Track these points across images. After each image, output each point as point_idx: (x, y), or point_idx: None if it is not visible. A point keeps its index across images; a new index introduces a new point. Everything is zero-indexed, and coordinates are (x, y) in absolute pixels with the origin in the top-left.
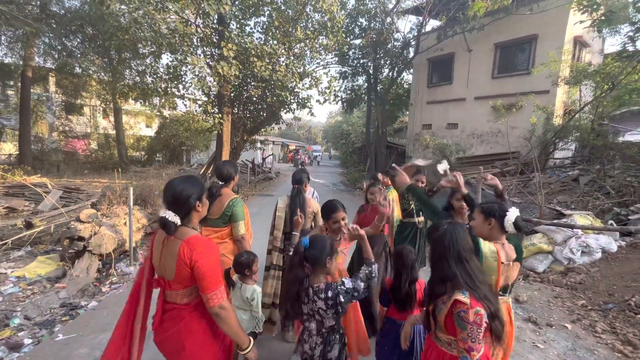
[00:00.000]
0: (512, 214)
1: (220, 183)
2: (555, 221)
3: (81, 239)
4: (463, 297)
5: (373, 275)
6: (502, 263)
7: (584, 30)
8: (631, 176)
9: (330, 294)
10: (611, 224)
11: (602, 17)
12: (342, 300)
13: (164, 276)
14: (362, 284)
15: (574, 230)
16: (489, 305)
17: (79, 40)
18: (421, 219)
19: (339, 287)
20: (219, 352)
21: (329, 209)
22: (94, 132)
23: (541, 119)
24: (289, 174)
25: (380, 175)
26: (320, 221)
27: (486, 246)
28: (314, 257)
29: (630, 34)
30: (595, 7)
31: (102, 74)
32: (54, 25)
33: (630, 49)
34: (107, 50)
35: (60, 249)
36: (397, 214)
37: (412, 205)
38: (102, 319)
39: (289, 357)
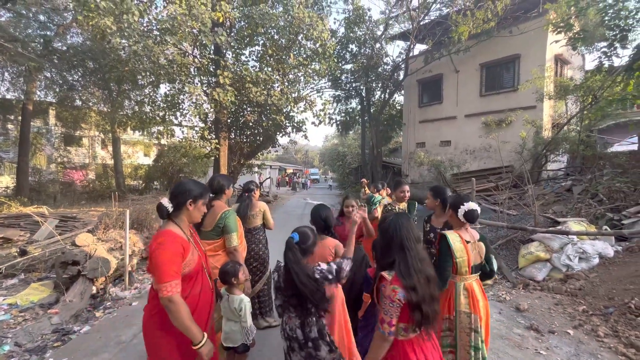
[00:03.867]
0: (465, 207)
1: (211, 195)
2: (551, 228)
3: (76, 263)
4: (387, 274)
5: (342, 266)
6: (468, 242)
7: (564, 48)
8: (620, 182)
9: (324, 266)
10: (605, 229)
11: (577, 36)
12: (317, 277)
13: None
14: (333, 267)
15: (570, 236)
16: (412, 295)
17: (79, 73)
18: None
19: (315, 268)
20: (174, 344)
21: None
22: (91, 163)
23: (531, 133)
24: (286, 197)
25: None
26: (270, 218)
27: (451, 235)
28: (305, 249)
29: (605, 49)
30: (569, 27)
31: (102, 105)
32: (56, 61)
33: (606, 63)
34: (107, 82)
35: (55, 275)
36: None
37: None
38: (94, 342)
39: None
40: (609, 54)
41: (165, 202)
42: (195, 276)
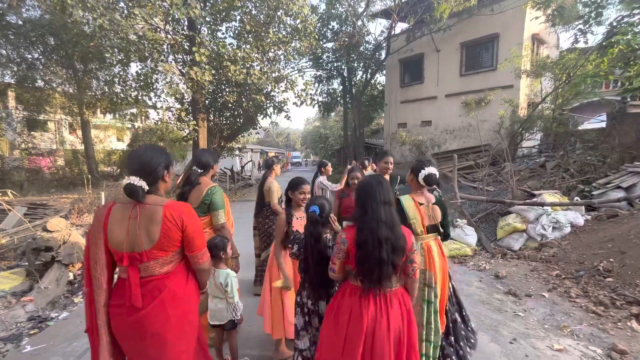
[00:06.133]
0: (425, 171)
1: (199, 171)
2: (527, 201)
3: (49, 249)
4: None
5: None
6: (421, 204)
7: (541, 28)
8: (591, 155)
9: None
10: (577, 200)
11: (555, 13)
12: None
13: (137, 249)
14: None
15: (545, 207)
16: (358, 252)
17: (39, 50)
18: None
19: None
20: (197, 320)
21: (297, 182)
22: (60, 149)
23: (508, 112)
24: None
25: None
26: (275, 197)
27: (404, 198)
28: (326, 218)
29: (581, 26)
30: (547, 3)
31: (67, 85)
32: (12, 37)
33: (581, 40)
34: (71, 60)
35: (27, 263)
36: None
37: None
38: (75, 327)
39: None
40: (584, 31)
41: (136, 180)
42: None
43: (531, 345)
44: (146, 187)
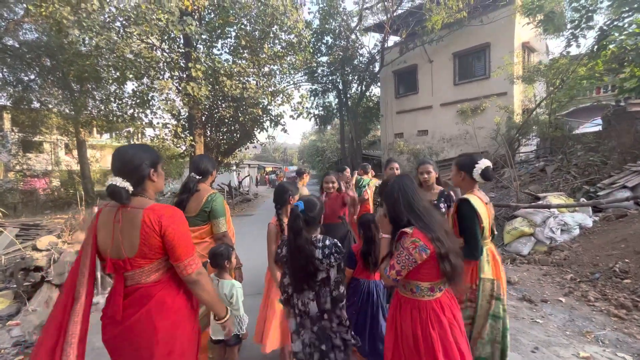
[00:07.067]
0: (480, 164)
1: (198, 177)
2: (533, 204)
3: (38, 269)
4: (408, 229)
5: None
6: (487, 204)
7: (530, 36)
8: (593, 157)
9: (327, 242)
10: (583, 201)
11: (544, 18)
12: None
13: (121, 256)
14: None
15: (551, 210)
16: (439, 245)
17: (36, 72)
18: None
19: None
20: (192, 333)
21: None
22: (55, 170)
23: (504, 118)
24: (267, 195)
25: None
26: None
27: (473, 198)
28: (313, 217)
29: (572, 30)
30: (539, 8)
31: (63, 106)
32: (9, 59)
33: (574, 44)
34: (67, 80)
35: (15, 284)
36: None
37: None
38: None
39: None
40: (576, 35)
41: (119, 181)
42: None
43: (555, 354)
44: (130, 188)
